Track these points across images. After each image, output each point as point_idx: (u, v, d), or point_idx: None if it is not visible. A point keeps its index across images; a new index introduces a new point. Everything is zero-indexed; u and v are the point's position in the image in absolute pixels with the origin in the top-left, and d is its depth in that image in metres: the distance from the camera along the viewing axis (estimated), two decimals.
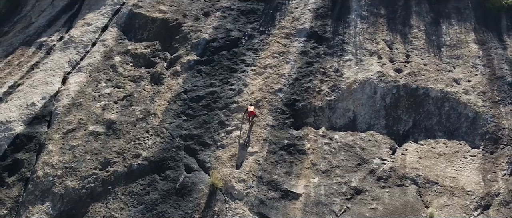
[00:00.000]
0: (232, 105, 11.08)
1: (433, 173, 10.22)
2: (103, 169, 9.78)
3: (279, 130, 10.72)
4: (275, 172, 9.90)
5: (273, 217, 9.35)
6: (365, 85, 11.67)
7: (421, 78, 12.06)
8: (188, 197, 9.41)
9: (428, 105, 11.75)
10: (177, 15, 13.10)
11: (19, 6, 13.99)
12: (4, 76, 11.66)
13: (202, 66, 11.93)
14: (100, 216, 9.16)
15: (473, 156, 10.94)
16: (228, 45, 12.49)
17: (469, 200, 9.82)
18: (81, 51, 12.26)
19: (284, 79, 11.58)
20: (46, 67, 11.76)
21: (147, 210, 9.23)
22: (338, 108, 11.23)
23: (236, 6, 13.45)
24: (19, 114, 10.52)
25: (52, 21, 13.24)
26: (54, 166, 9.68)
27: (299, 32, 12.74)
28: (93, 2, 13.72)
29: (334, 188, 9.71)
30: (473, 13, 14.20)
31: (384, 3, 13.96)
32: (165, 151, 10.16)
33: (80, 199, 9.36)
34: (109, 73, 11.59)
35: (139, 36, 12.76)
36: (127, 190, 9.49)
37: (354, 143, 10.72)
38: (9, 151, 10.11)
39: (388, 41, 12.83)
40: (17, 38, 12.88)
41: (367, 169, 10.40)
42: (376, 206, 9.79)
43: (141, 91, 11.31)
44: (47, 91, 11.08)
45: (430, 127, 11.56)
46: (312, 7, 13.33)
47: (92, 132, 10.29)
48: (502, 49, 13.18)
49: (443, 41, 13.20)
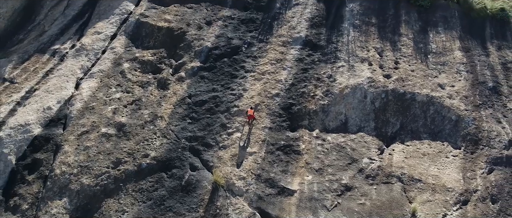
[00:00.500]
0: (233, 109, 11.83)
1: (417, 171, 11.01)
2: (115, 168, 10.58)
3: (276, 132, 11.52)
4: (272, 170, 10.71)
5: (270, 211, 10.11)
6: (356, 90, 12.41)
7: (409, 83, 12.83)
8: (193, 193, 10.13)
9: (415, 109, 12.33)
10: (181, 24, 13.87)
11: (33, 14, 14.69)
12: (21, 82, 12.46)
13: (205, 73, 12.70)
14: (113, 211, 9.99)
15: (454, 156, 11.62)
16: (229, 53, 13.09)
17: (449, 196, 10.60)
18: (92, 58, 13.03)
19: (281, 85, 12.35)
20: (60, 74, 12.55)
21: (155, 205, 10.05)
22: (331, 111, 12.02)
23: (237, 15, 14.19)
24: (37, 117, 11.33)
25: (64, 29, 13.97)
26: (70, 165, 10.50)
27: (295, 40, 13.37)
28: (102, 11, 14.48)
29: (326, 185, 10.51)
30: (459, 21, 14.71)
31: (376, 12, 14.58)
32: (172, 151, 10.93)
33: (94, 195, 10.17)
34: (119, 79, 12.41)
35: (146, 44, 13.44)
36: (137, 187, 10.31)
37: (345, 143, 11.49)
38: (28, 151, 10.70)
39: (379, 48, 13.62)
40: (32, 45, 13.65)
41: (357, 167, 10.89)
42: (364, 202, 10.50)
43: (149, 96, 12.12)
44: (62, 96, 11.85)
45: (416, 129, 12.20)
46: (308, 17, 13.93)
47: (104, 133, 11.10)
48: (485, 56, 13.94)
49: (430, 49, 13.95)
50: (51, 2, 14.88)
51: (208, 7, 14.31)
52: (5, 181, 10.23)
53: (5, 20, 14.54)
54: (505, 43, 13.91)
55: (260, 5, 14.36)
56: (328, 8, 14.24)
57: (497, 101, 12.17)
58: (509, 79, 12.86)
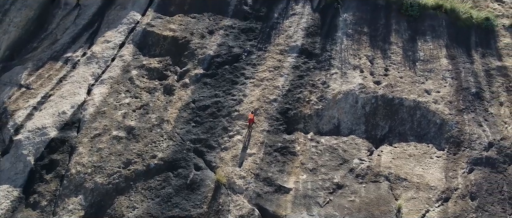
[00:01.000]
0: (234, 113, 12.62)
1: (403, 171, 11.87)
2: (125, 168, 11.44)
3: (273, 135, 12.41)
4: (270, 170, 11.58)
5: (268, 207, 10.93)
6: (348, 96, 13.25)
7: (397, 89, 13.68)
8: (197, 191, 10.91)
9: (402, 113, 13.09)
10: (186, 33, 14.71)
11: (45, 24, 15.47)
12: (36, 88, 13.34)
13: (207, 79, 13.51)
14: (124, 207, 10.88)
15: (438, 157, 12.39)
16: (230, 60, 13.76)
17: (432, 193, 11.45)
18: (102, 65, 13.89)
19: (278, 91, 13.17)
20: (73, 80, 13.41)
21: (163, 202, 10.93)
22: (324, 116, 12.88)
23: (237, 25, 14.98)
24: (53, 121, 12.21)
25: (75, 38, 14.78)
26: (85, 165, 11.39)
27: (292, 49, 14.09)
28: (111, 21, 15.33)
29: (319, 184, 11.39)
30: (446, 30, 15.24)
31: (368, 22, 15.27)
32: (177, 152, 11.76)
33: (107, 193, 11.04)
34: (128, 85, 13.30)
35: (152, 52, 14.18)
36: (146, 185, 11.19)
37: (337, 145, 12.35)
38: (45, 152, 11.41)
39: (370, 56, 14.48)
40: (45, 53, 14.50)
41: (348, 167, 11.67)
42: (354, 199, 11.33)
43: (156, 101, 13.01)
44: (75, 101, 12.71)
45: (403, 131, 12.99)
46: (304, 26, 14.62)
47: (115, 136, 11.98)
48: (469, 63, 14.76)
49: (418, 56, 14.74)
50: (63, 12, 15.75)
51: (210, 17, 15.18)
52: (25, 180, 11.10)
53: (19, 29, 15.42)
54: (489, 51, 14.77)
55: (259, 15, 15.22)
56: (323, 18, 15.07)
57: (479, 106, 13.06)
58: (491, 85, 13.74)
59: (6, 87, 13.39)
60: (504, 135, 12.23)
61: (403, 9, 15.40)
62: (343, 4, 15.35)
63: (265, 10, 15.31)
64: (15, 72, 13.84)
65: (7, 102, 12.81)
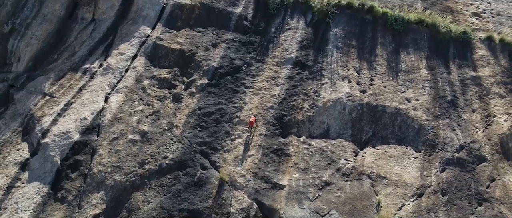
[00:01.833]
0: (235, 119, 14.10)
1: (384, 170, 13.42)
2: (140, 167, 13.03)
3: (270, 138, 13.97)
4: (267, 169, 13.13)
5: (265, 202, 12.38)
6: (337, 103, 14.73)
7: (381, 97, 15.18)
8: (203, 188, 12.38)
9: (385, 119, 14.46)
10: (192, 46, 16.27)
11: (64, 37, 16.91)
12: (59, 96, 14.91)
13: (211, 88, 14.94)
14: (140, 201, 12.45)
15: (415, 158, 13.79)
16: (232, 71, 15.15)
17: (408, 190, 12.96)
18: (117, 76, 15.45)
19: (274, 99, 14.65)
20: (92, 89, 15.00)
21: (173, 197, 12.48)
22: (315, 121, 14.43)
23: (238, 38, 16.37)
24: (75, 126, 13.78)
25: (92, 50, 16.35)
26: (105, 165, 12.97)
27: (287, 61, 15.50)
28: (124, 34, 16.88)
29: (309, 181, 12.95)
30: (427, 43, 16.43)
31: (356, 36, 16.58)
32: (185, 154, 13.26)
33: (125, 189, 12.59)
34: (140, 94, 14.88)
35: (162, 64, 15.57)
36: (159, 183, 12.76)
37: (326, 147, 13.87)
38: (70, 153, 12.83)
39: (357, 67, 16.02)
40: (65, 64, 16.06)
41: (335, 167, 13.07)
42: (340, 194, 12.75)
43: (166, 108, 14.59)
44: (94, 108, 14.29)
45: (385, 135, 14.36)
46: (298, 40, 16.03)
47: (131, 139, 13.55)
48: (447, 74, 16.23)
49: (401, 67, 16.11)
50: (80, 26, 17.31)
51: (213, 31, 16.73)
52: (53, 178, 12.65)
53: (41, 42, 16.98)
54: (465, 62, 16.28)
55: (258, 29, 16.76)
56: (316, 32, 16.61)
57: (453, 113, 14.60)
58: (466, 94, 15.28)
59: (32, 96, 14.96)
60: (474, 138, 13.80)
61: (388, 24, 16.70)
62: (334, 19, 16.89)
63: (263, 25, 16.85)
64: (39, 82, 15.40)
65: (34, 109, 14.38)
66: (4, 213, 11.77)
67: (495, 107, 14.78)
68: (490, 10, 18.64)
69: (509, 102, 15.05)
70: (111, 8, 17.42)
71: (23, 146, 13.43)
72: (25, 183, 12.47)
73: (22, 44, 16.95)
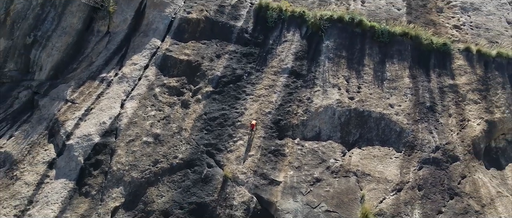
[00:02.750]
0: (237, 123, 15.59)
1: (368, 168, 15.13)
2: (154, 166, 14.72)
3: (268, 140, 15.65)
4: (265, 167, 14.75)
5: (263, 196, 13.77)
6: (328, 109, 16.47)
7: (367, 104, 16.88)
8: (210, 184, 13.76)
9: (370, 123, 16.07)
10: (198, 57, 17.98)
11: (82, 48, 18.50)
12: (80, 102, 16.63)
13: (216, 95, 16.49)
14: (154, 195, 14.16)
15: (396, 157, 15.41)
16: (234, 80, 16.65)
17: (388, 185, 14.69)
18: (131, 84, 17.14)
19: (272, 105, 16.31)
20: (109, 96, 16.74)
21: (183, 192, 14.17)
22: (308, 125, 16.09)
23: (239, 50, 17.96)
24: (95, 129, 15.51)
25: (108, 60, 18.06)
26: (123, 163, 14.70)
27: (283, 70, 17.08)
28: (136, 46, 18.59)
29: (302, 178, 14.61)
30: (410, 54, 17.89)
31: (346, 47, 18.17)
32: (193, 154, 14.77)
33: (141, 185, 14.27)
34: (153, 101, 16.63)
35: (171, 73, 17.11)
36: (170, 179, 14.46)
37: (318, 148, 15.50)
38: (92, 154, 14.27)
39: (346, 76, 17.73)
40: (84, 73, 17.78)
41: (325, 165, 14.53)
42: (329, 189, 14.33)
43: (175, 113, 16.33)
44: (112, 113, 16.02)
45: (370, 137, 15.99)
46: (293, 51, 17.63)
47: (145, 141, 15.28)
48: (427, 82, 17.87)
49: (386, 76, 17.80)
50: (96, 38, 19.02)
51: (217, 43, 18.45)
52: (77, 175, 14.28)
53: (61, 53, 18.67)
54: (444, 71, 17.97)
55: (257, 41, 18.46)
56: (309, 44, 18.24)
57: (431, 117, 16.32)
58: (443, 100, 17.00)
59: (55, 102, 16.70)
60: (449, 140, 15.54)
61: (375, 36, 18.13)
62: (326, 32, 18.58)
63: (262, 37, 18.53)
64: (61, 89, 17.11)
65: (58, 114, 16.11)
66: (37, 205, 13.51)
67: (470, 112, 16.52)
68: (470, 23, 20.35)
69: (482, 108, 16.80)
70: (124, 22, 19.14)
71: (49, 147, 15.14)
72: (53, 180, 14.19)
73: (44, 54, 18.63)
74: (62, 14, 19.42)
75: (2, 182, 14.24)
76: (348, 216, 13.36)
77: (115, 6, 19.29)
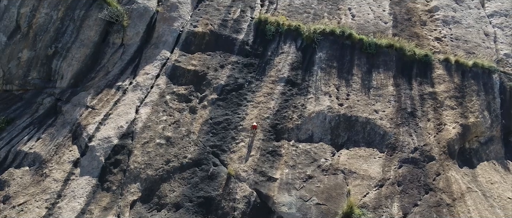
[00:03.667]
0: (239, 127, 17.47)
1: (354, 167, 17.04)
2: (166, 165, 16.70)
3: (266, 142, 17.61)
4: (263, 166, 16.68)
5: (262, 190, 15.43)
6: (319, 114, 18.41)
7: (355, 109, 18.89)
8: (215, 180, 15.44)
9: (357, 127, 17.99)
10: (203, 67, 20.06)
11: (99, 59, 20.47)
12: (99, 108, 18.60)
13: (220, 102, 18.57)
14: (167, 190, 16.15)
15: (379, 157, 17.35)
16: (236, 88, 18.27)
17: (372, 182, 16.59)
18: (144, 92, 19.12)
19: (270, 111, 18.28)
20: (125, 103, 18.74)
21: (192, 187, 16.16)
22: (302, 129, 18.03)
23: (241, 61, 20.04)
24: (114, 132, 17.50)
25: (123, 70, 19.99)
26: (139, 163, 16.70)
27: (280, 79, 18.86)
28: (148, 57, 20.52)
29: (296, 175, 16.58)
30: (395, 64, 19.77)
31: (337, 58, 20.01)
32: (201, 154, 16.77)
33: (155, 181, 16.23)
34: (164, 107, 18.65)
35: (180, 82, 19.03)
36: (181, 176, 16.40)
37: (310, 149, 17.48)
38: (111, 154, 15.69)
39: (337, 85, 19.73)
40: (101, 82, 19.75)
41: (317, 164, 16.40)
42: (319, 185, 16.36)
43: (184, 118, 18.34)
44: (128, 118, 17.99)
45: (357, 140, 17.92)
46: (289, 62, 19.37)
47: (158, 143, 17.29)
48: (409, 90, 19.83)
49: (372, 85, 19.81)
50: (111, 49, 20.98)
51: (221, 55, 20.45)
52: (99, 173, 16.14)
53: (80, 63, 20.62)
54: (425, 80, 19.92)
55: (257, 53, 20.44)
56: (304, 56, 20.14)
57: (411, 122, 18.30)
58: (423, 106, 18.96)
59: (77, 108, 18.71)
60: (426, 142, 17.52)
61: (363, 48, 19.78)
62: (319, 44, 20.56)
63: (262, 49, 20.45)
64: (82, 97, 19.11)
65: (80, 119, 18.11)
66: (65, 199, 15.52)
67: (446, 117, 18.49)
68: (450, 35, 22.32)
69: (458, 113, 18.77)
70: (137, 35, 21.14)
71: (73, 148, 17.14)
72: (78, 177, 16.18)
73: (64, 64, 20.62)
74: (80, 27, 21.40)
75: (34, 179, 16.25)
76: (335, 208, 15.33)
77: (128, 20, 21.29)
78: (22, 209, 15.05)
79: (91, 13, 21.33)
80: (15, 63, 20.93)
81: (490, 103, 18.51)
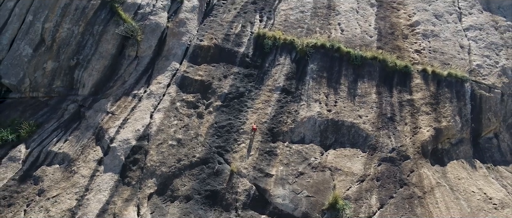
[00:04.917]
0: (241, 130, 20.18)
1: (340, 165, 19.62)
2: (178, 163, 19.28)
3: (264, 143, 20.21)
4: (261, 164, 19.27)
5: (260, 185, 18.19)
6: (310, 119, 21.03)
7: (341, 115, 21.51)
8: (220, 176, 18.11)
9: (343, 130, 20.74)
10: (209, 77, 22.59)
11: (116, 69, 22.87)
12: (118, 114, 21.19)
13: (224, 108, 21.21)
14: (179, 185, 18.74)
15: (362, 156, 19.77)
16: (238, 96, 20.67)
17: (354, 177, 19.06)
18: (157, 99, 21.59)
19: (267, 116, 20.94)
20: (140, 109, 21.37)
21: (200, 182, 18.76)
22: (295, 132, 20.64)
23: (242, 71, 22.40)
24: (132, 135, 20.12)
25: (138, 80, 22.48)
26: (154, 161, 19.31)
27: (276, 88, 21.31)
28: (159, 68, 23.03)
29: (290, 172, 19.13)
30: (378, 74, 21.53)
31: (327, 69, 22.19)
32: (207, 154, 19.45)
33: (168, 177, 18.83)
34: (175, 112, 21.27)
35: (188, 90, 21.44)
36: (190, 173, 19.01)
37: (302, 150, 20.06)
38: (130, 153, 18.00)
39: (326, 93, 22.33)
40: (119, 90, 22.35)
41: (307, 163, 19.21)
42: (309, 180, 19.00)
43: (192, 123, 20.96)
44: (144, 123, 20.64)
45: (343, 141, 20.61)
46: (285, 73, 21.70)
47: (170, 144, 19.91)
48: (390, 97, 22.33)
49: (357, 93, 22.37)
50: (127, 61, 23.55)
51: (224, 66, 23.01)
52: (120, 170, 18.72)
53: (99, 73, 23.17)
54: (404, 88, 22.34)
55: (256, 64, 22.95)
56: (298, 67, 22.17)
57: (391, 125, 20.86)
58: (402, 112, 21.50)
59: (98, 113, 21.33)
60: (403, 143, 20.11)
61: (350, 60, 21.44)
62: (311, 56, 23.14)
63: (260, 61, 22.86)
64: (102, 103, 21.73)
65: (101, 123, 20.74)
66: (92, 192, 18.16)
67: (422, 122, 21.06)
68: (429, 47, 24.82)
69: (432, 118, 21.34)
70: (149, 48, 23.74)
71: (97, 148, 19.78)
72: (102, 173, 18.81)
73: (85, 74, 23.24)
74: (99, 41, 24.00)
75: (64, 175, 18.89)
76: (323, 200, 17.92)
77: (142, 35, 23.88)
78: (56, 201, 17.67)
79: (108, 28, 23.92)
80: (41, 73, 23.51)
81: (461, 109, 20.89)
